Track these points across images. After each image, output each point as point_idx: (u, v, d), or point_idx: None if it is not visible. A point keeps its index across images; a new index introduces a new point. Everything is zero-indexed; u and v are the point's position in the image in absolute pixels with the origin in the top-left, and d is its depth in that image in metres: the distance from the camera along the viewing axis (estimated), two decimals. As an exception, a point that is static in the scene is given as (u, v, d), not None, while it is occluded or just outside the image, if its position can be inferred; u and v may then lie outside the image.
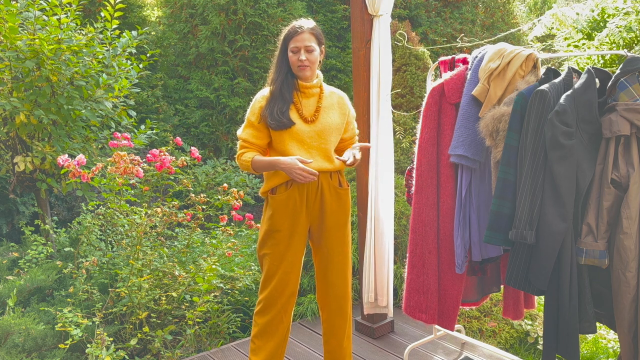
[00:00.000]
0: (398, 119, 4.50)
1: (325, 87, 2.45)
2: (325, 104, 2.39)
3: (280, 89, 2.32)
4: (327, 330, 2.56)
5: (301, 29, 2.30)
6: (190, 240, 3.79)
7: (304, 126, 2.32)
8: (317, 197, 2.37)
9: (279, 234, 2.36)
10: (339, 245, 2.45)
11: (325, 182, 2.37)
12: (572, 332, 1.99)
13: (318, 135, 2.34)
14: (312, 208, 2.38)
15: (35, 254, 3.95)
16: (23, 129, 3.85)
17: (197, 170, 5.45)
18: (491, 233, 2.12)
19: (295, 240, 2.38)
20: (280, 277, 2.37)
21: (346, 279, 2.49)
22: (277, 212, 2.34)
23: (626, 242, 1.90)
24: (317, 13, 7.79)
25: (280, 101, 2.30)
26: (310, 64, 2.31)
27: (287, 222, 2.35)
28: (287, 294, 2.40)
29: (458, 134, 2.31)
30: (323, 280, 2.49)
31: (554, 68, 2.20)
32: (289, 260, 2.37)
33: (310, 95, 2.38)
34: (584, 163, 1.95)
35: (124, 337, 3.28)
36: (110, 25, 4.24)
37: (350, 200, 2.48)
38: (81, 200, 5.38)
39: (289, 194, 2.33)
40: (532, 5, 11.54)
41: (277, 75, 2.35)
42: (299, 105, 2.34)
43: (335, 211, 2.40)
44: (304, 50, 2.29)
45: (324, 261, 2.46)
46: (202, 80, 6.83)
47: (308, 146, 2.32)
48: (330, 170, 2.37)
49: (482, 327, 3.28)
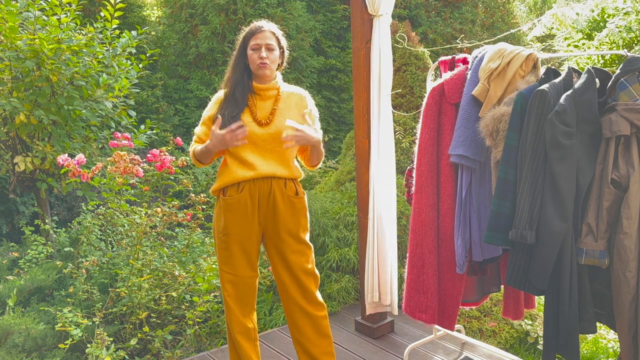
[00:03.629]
0: (398, 119, 4.50)
1: (284, 88, 2.36)
2: (281, 106, 2.30)
3: (233, 91, 2.25)
4: (296, 334, 2.44)
5: (262, 28, 2.25)
6: (190, 240, 3.80)
7: (258, 129, 2.24)
8: (270, 204, 2.28)
9: (229, 237, 2.28)
10: (294, 253, 2.33)
11: (278, 188, 2.28)
12: (572, 332, 1.99)
13: (272, 138, 2.25)
14: (264, 214, 2.30)
15: (35, 254, 3.96)
16: (23, 129, 3.86)
17: (197, 170, 5.45)
18: (491, 233, 2.11)
19: (245, 245, 2.30)
20: (231, 281, 2.31)
21: (304, 285, 2.35)
22: (228, 215, 2.27)
23: (626, 242, 1.90)
24: (317, 13, 7.79)
25: (232, 104, 2.23)
26: (270, 62, 2.24)
27: (237, 226, 2.27)
28: (241, 297, 2.34)
29: (458, 134, 2.31)
30: (281, 286, 2.39)
31: (554, 68, 2.20)
32: (238, 264, 2.31)
33: (267, 97, 2.30)
34: (584, 163, 1.96)
35: (124, 337, 3.28)
36: (110, 25, 4.24)
37: (306, 208, 2.38)
38: (81, 200, 5.38)
39: (239, 198, 2.25)
40: (532, 5, 11.54)
41: (232, 75, 2.28)
42: (254, 107, 2.27)
43: (289, 219, 2.30)
44: (265, 48, 2.22)
45: (279, 269, 2.37)
46: (202, 80, 6.83)
47: (262, 149, 2.25)
48: (284, 176, 2.29)
49: (482, 327, 3.28)
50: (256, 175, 2.24)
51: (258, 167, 2.24)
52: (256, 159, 2.24)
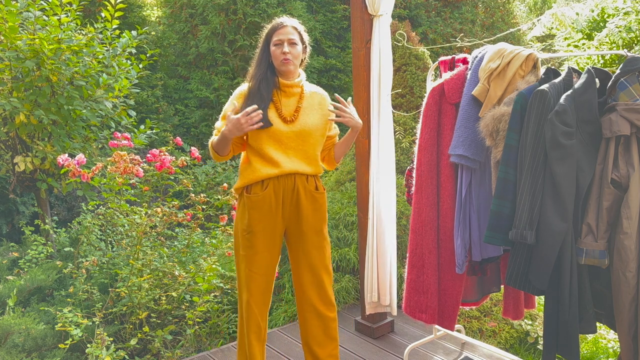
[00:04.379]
0: (398, 119, 4.50)
1: (307, 86, 2.37)
2: (305, 104, 2.31)
3: (258, 86, 2.25)
4: (304, 334, 2.46)
5: (284, 23, 2.26)
6: (190, 240, 3.80)
7: (283, 126, 2.24)
8: (293, 200, 2.30)
9: (253, 235, 2.28)
10: (316, 249, 2.35)
11: (302, 185, 2.29)
12: (572, 332, 1.99)
13: (296, 136, 2.26)
14: (288, 210, 2.31)
15: (35, 254, 3.96)
16: (23, 129, 3.86)
17: (197, 170, 5.46)
18: (491, 233, 2.11)
19: (269, 243, 2.30)
20: (254, 279, 2.31)
21: (323, 282, 2.39)
22: (252, 212, 2.27)
23: (626, 242, 1.90)
24: (317, 13, 7.80)
25: (257, 99, 2.23)
26: (293, 58, 2.24)
27: (261, 224, 2.27)
28: (261, 296, 2.34)
29: (458, 134, 2.31)
30: (299, 285, 2.41)
31: (554, 68, 2.20)
32: (263, 262, 2.31)
33: (291, 94, 2.30)
34: (584, 163, 1.96)
35: (124, 337, 3.28)
36: (110, 25, 4.24)
37: (326, 204, 2.40)
38: (81, 200, 5.38)
39: (264, 195, 2.25)
40: (532, 5, 11.54)
41: (256, 71, 2.28)
42: (279, 104, 2.27)
43: (311, 215, 2.32)
44: (287, 43, 2.22)
45: (300, 265, 2.39)
46: (202, 80, 6.83)
47: (286, 146, 2.25)
48: (307, 173, 2.30)
49: (482, 327, 3.28)
50: (280, 172, 2.24)
51: (282, 164, 2.24)
52: (280, 156, 2.25)
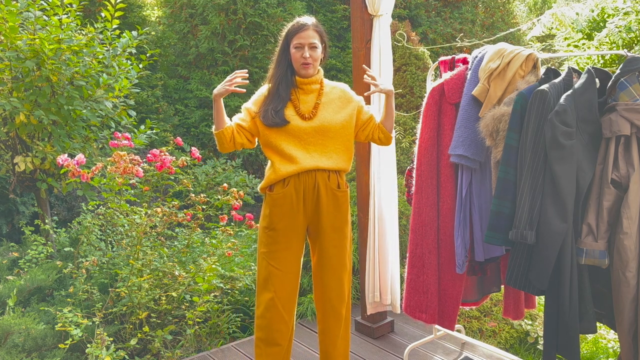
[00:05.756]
0: (398, 119, 4.50)
1: (326, 82, 2.38)
2: (325, 100, 2.33)
3: (277, 87, 2.29)
4: (321, 331, 2.52)
5: (305, 26, 2.26)
6: (190, 240, 3.79)
7: (301, 123, 2.27)
8: (314, 197, 2.31)
9: (276, 232, 2.31)
10: (335, 247, 2.38)
11: (322, 181, 2.30)
12: (572, 332, 1.99)
13: (316, 132, 2.28)
14: (309, 207, 2.33)
15: (35, 254, 3.96)
16: (23, 129, 3.85)
17: (197, 170, 5.46)
18: (491, 233, 2.12)
19: (292, 239, 2.33)
20: (277, 276, 2.33)
21: (341, 281, 2.43)
22: (274, 210, 2.30)
23: (626, 242, 1.90)
24: (317, 13, 7.79)
25: (276, 100, 2.27)
26: (313, 62, 2.27)
27: (283, 221, 2.30)
28: (286, 293, 2.36)
29: (458, 134, 2.31)
30: (319, 281, 2.45)
31: (554, 68, 2.20)
32: (285, 259, 2.33)
33: (310, 91, 2.32)
34: (584, 163, 1.96)
35: (124, 337, 3.28)
36: (110, 25, 4.24)
37: (349, 202, 2.41)
38: (81, 200, 5.38)
39: (285, 192, 2.28)
40: (532, 5, 11.54)
41: (276, 71, 2.31)
42: (297, 102, 2.29)
43: (332, 213, 2.34)
44: (308, 47, 2.24)
45: (320, 262, 2.42)
46: (202, 80, 6.83)
47: (306, 142, 2.27)
48: (328, 168, 2.29)
49: (482, 327, 3.28)
50: (299, 169, 2.26)
51: (301, 161, 2.26)
52: (299, 153, 2.26)
